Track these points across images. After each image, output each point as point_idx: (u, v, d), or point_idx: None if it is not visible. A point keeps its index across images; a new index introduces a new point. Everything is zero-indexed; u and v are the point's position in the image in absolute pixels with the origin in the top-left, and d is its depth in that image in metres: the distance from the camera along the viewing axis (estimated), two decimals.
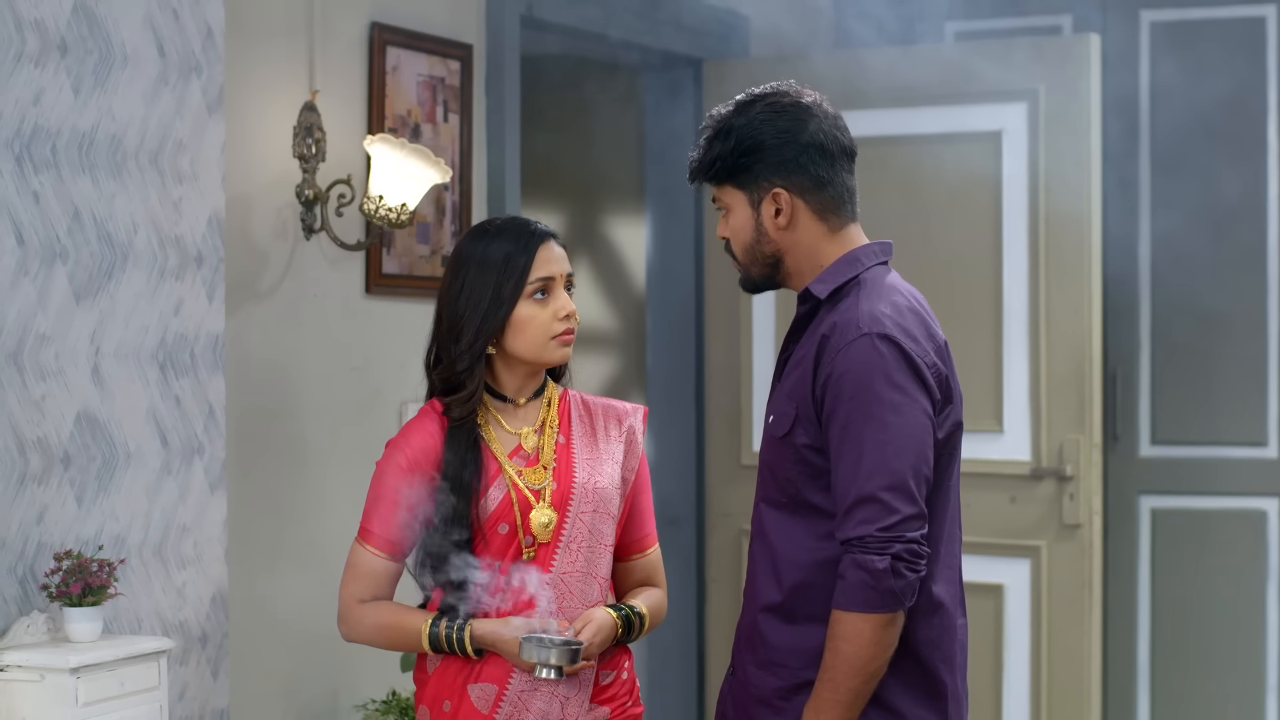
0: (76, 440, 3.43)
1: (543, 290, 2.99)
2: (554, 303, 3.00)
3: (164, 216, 3.63)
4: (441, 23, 4.60)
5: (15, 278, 3.32)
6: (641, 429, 3.12)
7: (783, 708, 2.71)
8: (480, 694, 2.97)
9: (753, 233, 2.77)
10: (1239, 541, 5.49)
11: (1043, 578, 5.11)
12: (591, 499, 3.01)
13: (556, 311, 2.99)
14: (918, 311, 2.72)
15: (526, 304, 2.98)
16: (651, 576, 3.15)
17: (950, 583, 2.75)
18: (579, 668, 2.94)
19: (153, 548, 3.59)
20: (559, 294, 3.01)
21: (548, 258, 3.01)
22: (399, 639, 3.00)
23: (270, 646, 4.11)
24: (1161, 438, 5.56)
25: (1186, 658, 5.53)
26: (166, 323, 3.64)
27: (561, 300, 3.00)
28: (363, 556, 3.00)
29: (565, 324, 3.00)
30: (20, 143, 3.34)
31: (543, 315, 2.99)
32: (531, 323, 2.98)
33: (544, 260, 3.00)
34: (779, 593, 2.72)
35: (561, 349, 3.01)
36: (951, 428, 2.71)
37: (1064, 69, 5.05)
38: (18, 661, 3.17)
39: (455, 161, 4.61)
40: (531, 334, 2.98)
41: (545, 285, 2.99)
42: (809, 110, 2.75)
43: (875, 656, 2.61)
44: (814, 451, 2.67)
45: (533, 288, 2.98)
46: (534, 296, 2.98)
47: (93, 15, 3.48)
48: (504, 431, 3.02)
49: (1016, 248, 5.12)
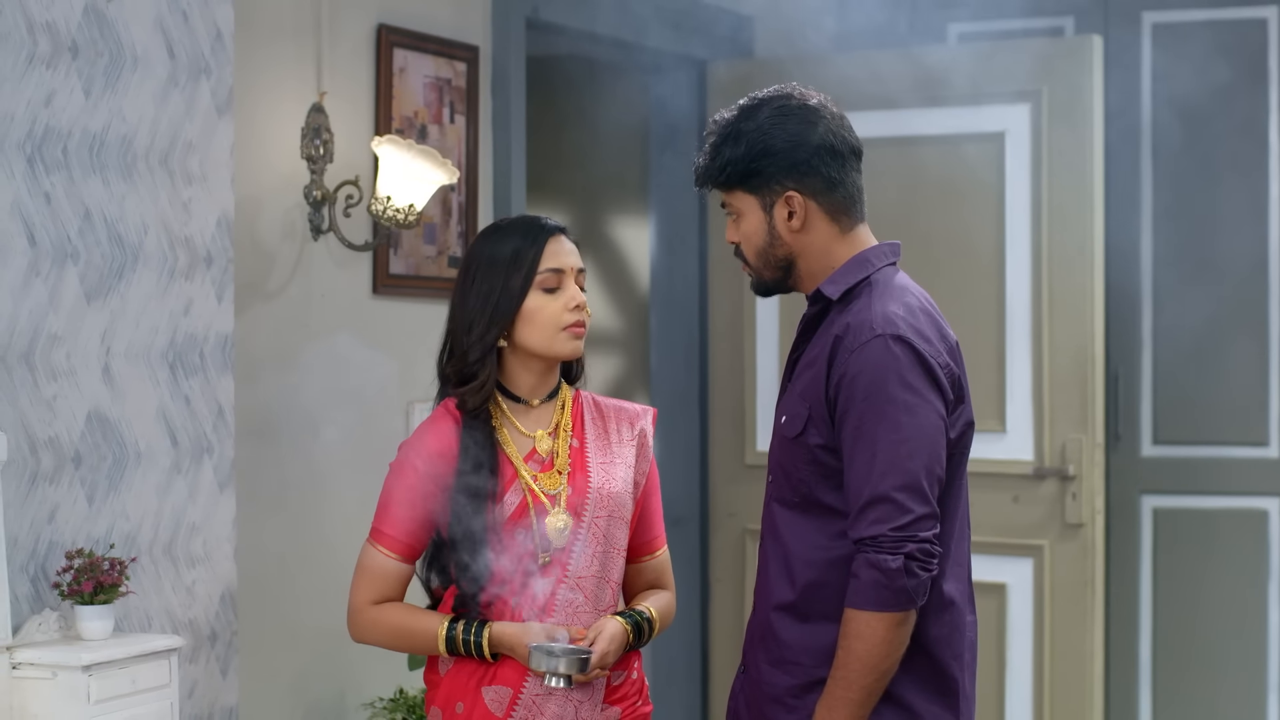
0: (87, 440, 3.45)
1: (552, 282, 3.00)
2: (564, 294, 3.00)
3: (174, 217, 3.65)
4: (448, 24, 4.61)
5: (27, 278, 3.34)
6: (652, 431, 3.13)
7: (795, 706, 2.72)
8: (494, 696, 2.96)
9: (766, 236, 2.77)
10: (1240, 541, 5.50)
11: (1045, 577, 5.13)
12: (606, 504, 3.01)
13: (566, 302, 2.99)
14: (929, 312, 2.73)
15: (536, 295, 2.98)
16: (660, 578, 3.15)
17: (960, 580, 2.76)
18: (590, 677, 2.93)
19: (163, 546, 3.61)
20: (569, 286, 3.00)
21: (557, 250, 3.01)
22: (412, 641, 2.99)
23: (279, 645, 4.13)
24: (1163, 437, 5.58)
25: (1188, 657, 5.54)
26: (176, 323, 3.66)
27: (571, 291, 3.00)
28: (374, 558, 2.98)
29: (575, 315, 2.99)
30: (32, 144, 3.36)
31: (552, 306, 2.98)
32: (540, 313, 2.97)
33: (553, 253, 3.00)
34: (792, 592, 2.73)
35: (572, 341, 3.00)
36: (963, 427, 2.72)
37: (1066, 70, 5.07)
38: (30, 659, 3.18)
39: (461, 162, 4.63)
40: (541, 325, 2.98)
41: (555, 277, 3.00)
42: (817, 112, 2.76)
43: (888, 655, 2.62)
44: (827, 452, 2.69)
45: (542, 278, 2.98)
46: (544, 288, 2.99)
47: (103, 17, 3.50)
48: (518, 434, 3.01)
49: (1019, 248, 5.14)
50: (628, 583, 3.13)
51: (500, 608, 2.95)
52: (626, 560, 3.09)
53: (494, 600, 2.95)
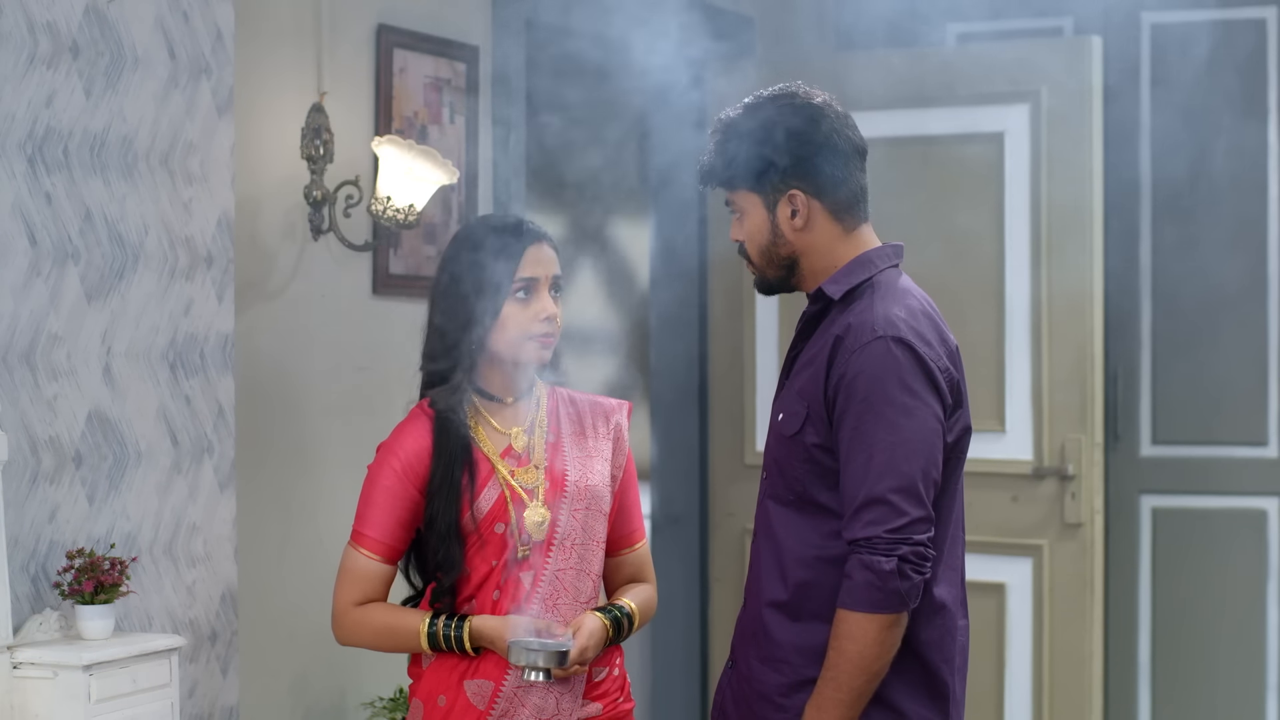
0: (88, 439, 3.46)
1: (525, 290, 3.01)
2: (535, 304, 3.01)
3: (174, 217, 3.66)
4: (448, 25, 4.62)
5: (28, 278, 3.35)
6: (627, 425, 3.15)
7: (784, 704, 2.73)
8: (476, 690, 2.99)
9: (769, 235, 2.78)
10: (1240, 541, 5.50)
11: (1044, 576, 5.14)
12: (584, 497, 3.04)
13: (537, 313, 3.01)
14: (930, 315, 2.74)
15: (509, 303, 3.00)
16: (640, 571, 3.19)
17: (953, 585, 2.77)
18: (570, 672, 2.97)
19: (163, 546, 3.62)
20: (542, 296, 3.02)
21: (535, 259, 3.02)
22: (396, 640, 3.02)
23: (279, 644, 4.14)
24: (1162, 437, 5.58)
25: (1187, 656, 5.55)
26: (177, 323, 3.66)
27: (543, 302, 3.01)
28: (356, 560, 3.02)
29: (545, 326, 3.01)
30: (33, 144, 3.36)
31: (523, 315, 3.00)
32: (510, 321, 3.00)
33: (531, 261, 3.02)
34: (784, 590, 2.73)
35: (540, 350, 3.02)
36: (960, 432, 2.73)
37: (1065, 70, 5.08)
38: (31, 659, 3.19)
39: (461, 163, 4.64)
40: (510, 332, 3.00)
41: (529, 285, 3.01)
42: (821, 111, 2.76)
43: (879, 656, 2.63)
44: (823, 451, 2.69)
45: (516, 286, 3.00)
46: (517, 295, 3.00)
47: (104, 18, 3.51)
48: (494, 431, 3.05)
49: (1018, 248, 5.14)
50: (609, 576, 3.17)
51: (481, 602, 2.99)
52: (607, 554, 3.13)
53: (474, 595, 2.98)
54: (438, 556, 2.98)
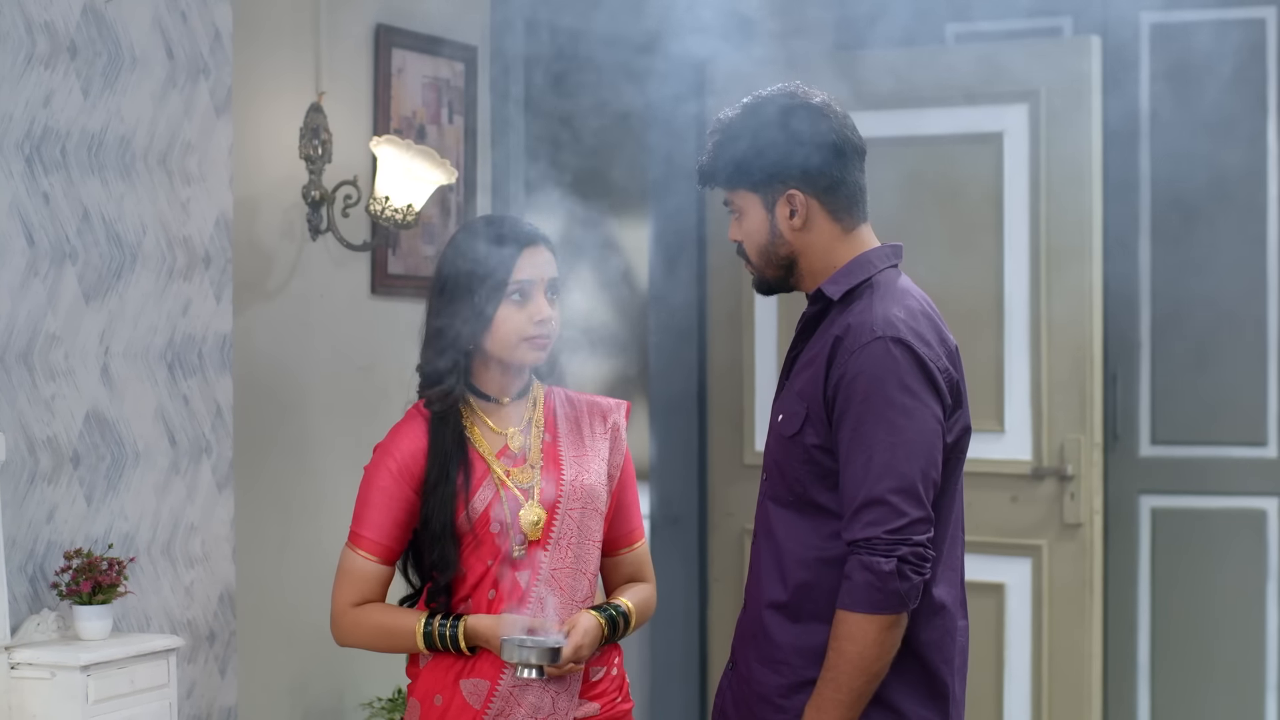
0: (86, 440, 3.46)
1: (521, 293, 3.01)
2: (530, 306, 3.02)
3: (172, 217, 3.66)
4: (446, 25, 4.62)
5: (25, 278, 3.34)
6: (625, 424, 3.15)
7: (784, 705, 2.72)
8: (472, 689, 3.00)
9: (768, 235, 2.77)
10: (1239, 541, 5.50)
11: (1044, 577, 5.13)
12: (580, 496, 3.04)
13: (532, 315, 3.01)
14: (930, 316, 2.73)
15: (504, 305, 3.01)
16: (639, 570, 3.19)
17: (952, 585, 2.76)
18: (564, 670, 2.97)
19: (161, 546, 3.62)
20: (537, 298, 3.02)
21: (531, 261, 3.02)
22: (393, 640, 3.03)
23: (277, 645, 4.13)
24: (1162, 437, 5.58)
25: (1186, 656, 5.54)
26: (175, 323, 3.66)
27: (538, 305, 3.02)
28: (354, 561, 3.02)
29: (539, 329, 3.02)
30: (30, 144, 3.36)
31: (518, 318, 3.01)
32: (505, 323, 3.00)
33: (526, 264, 3.02)
34: (784, 591, 2.73)
35: (534, 352, 3.03)
36: (960, 432, 2.73)
37: (1065, 70, 5.07)
38: (29, 659, 3.19)
39: (460, 163, 4.64)
40: (505, 335, 3.01)
41: (524, 288, 3.01)
42: (820, 110, 2.76)
43: (879, 657, 2.63)
44: (823, 452, 2.69)
45: (511, 289, 3.00)
46: (512, 298, 3.01)
47: (102, 18, 3.51)
48: (490, 431, 3.05)
49: (1018, 248, 5.14)
50: (607, 575, 3.17)
51: (476, 601, 2.99)
52: (605, 553, 3.13)
53: (470, 595, 2.99)
54: (433, 556, 2.99)
